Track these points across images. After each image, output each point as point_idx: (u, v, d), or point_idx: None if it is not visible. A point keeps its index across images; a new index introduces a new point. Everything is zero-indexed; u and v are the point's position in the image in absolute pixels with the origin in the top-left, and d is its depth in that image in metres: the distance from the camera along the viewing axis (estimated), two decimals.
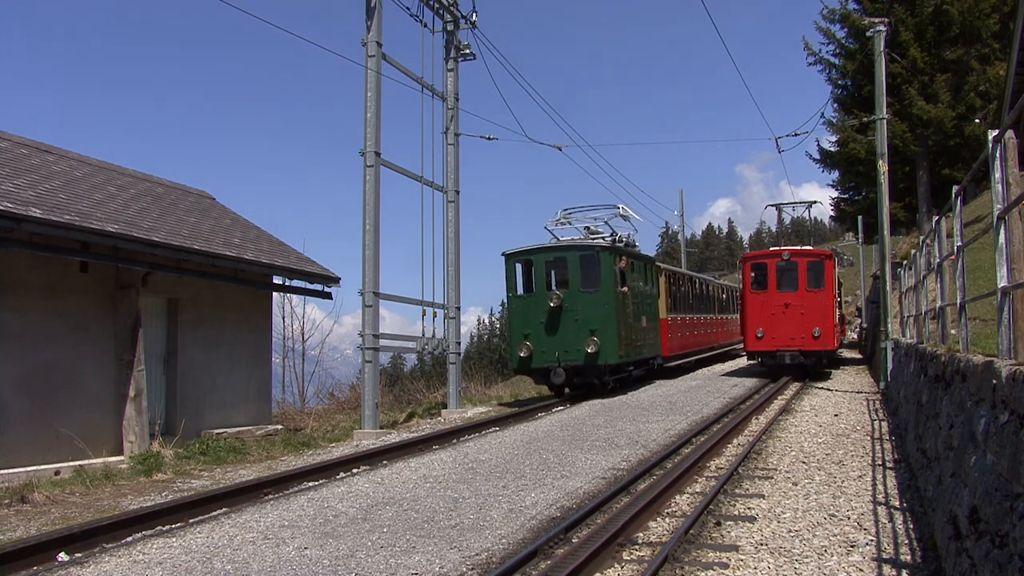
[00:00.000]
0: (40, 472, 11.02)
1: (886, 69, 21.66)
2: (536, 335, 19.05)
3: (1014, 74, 17.99)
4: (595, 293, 18.91)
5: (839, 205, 44.15)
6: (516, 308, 19.72)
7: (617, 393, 20.15)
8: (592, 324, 18.63)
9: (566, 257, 19.43)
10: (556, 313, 18.91)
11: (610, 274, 19.04)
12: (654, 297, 23.46)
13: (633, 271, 21.14)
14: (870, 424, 14.01)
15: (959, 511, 5.29)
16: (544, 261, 19.67)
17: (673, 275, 27.20)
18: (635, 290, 21.14)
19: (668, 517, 7.94)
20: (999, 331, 5.41)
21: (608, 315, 18.82)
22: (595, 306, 18.83)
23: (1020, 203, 5.10)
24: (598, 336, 18.53)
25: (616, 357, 18.92)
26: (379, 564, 6.36)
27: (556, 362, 18.69)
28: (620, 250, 20.29)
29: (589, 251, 19.31)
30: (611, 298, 18.95)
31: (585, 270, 19.19)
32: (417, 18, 18.45)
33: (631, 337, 20.26)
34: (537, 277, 19.71)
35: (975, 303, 8.36)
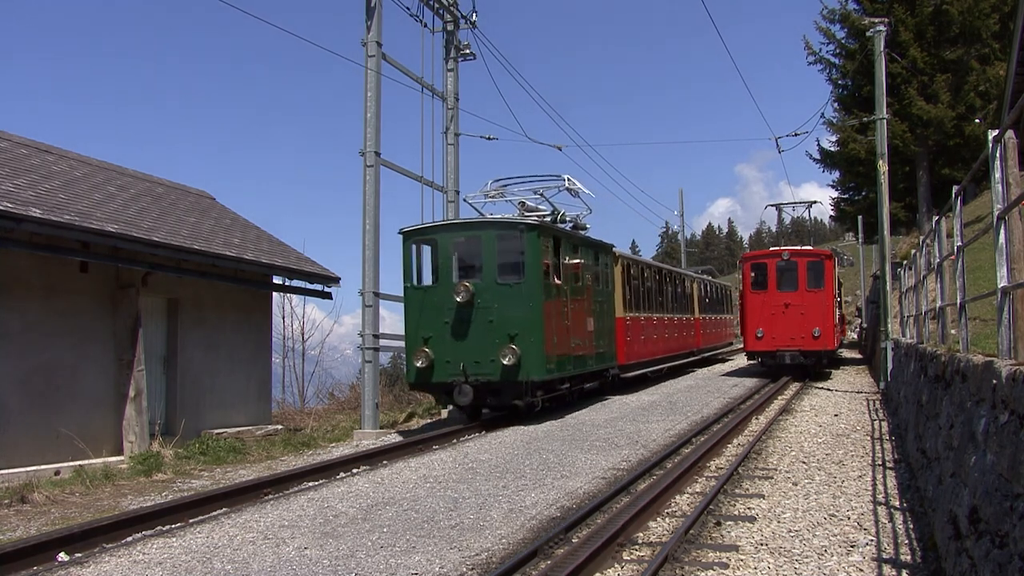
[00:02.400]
0: (40, 472, 11.02)
1: (886, 69, 21.66)
2: (438, 340, 14.47)
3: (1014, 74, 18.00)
4: (517, 286, 14.43)
5: (839, 205, 44.17)
6: (414, 303, 14.99)
7: (549, 416, 15.56)
8: (511, 327, 14.14)
9: (480, 237, 14.86)
10: (465, 311, 14.37)
11: (538, 261, 14.54)
12: (608, 293, 19.13)
13: (576, 258, 16.77)
14: (870, 424, 14.01)
15: (959, 511, 5.29)
16: (451, 242, 15.05)
17: (634, 266, 22.48)
18: (578, 283, 16.74)
19: (668, 517, 7.94)
20: (999, 331, 5.41)
21: (533, 315, 14.32)
22: (516, 303, 14.32)
23: (1020, 203, 5.10)
24: (519, 343, 14.04)
25: (542, 371, 14.38)
26: (379, 564, 6.36)
27: (462, 376, 14.14)
28: (555, 230, 15.94)
29: (511, 229, 14.85)
30: (538, 293, 14.44)
31: (505, 255, 14.79)
32: (417, 18, 18.46)
33: (568, 344, 15.82)
34: (442, 262, 15.06)
35: (975, 303, 8.36)
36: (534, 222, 15.10)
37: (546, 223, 15.86)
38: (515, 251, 14.71)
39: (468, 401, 14.19)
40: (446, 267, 15.08)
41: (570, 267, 16.36)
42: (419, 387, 15.40)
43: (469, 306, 14.36)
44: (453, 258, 15.17)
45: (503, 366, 14.06)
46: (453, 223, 15.81)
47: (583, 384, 17.76)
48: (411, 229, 15.46)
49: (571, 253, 16.52)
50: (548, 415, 15.74)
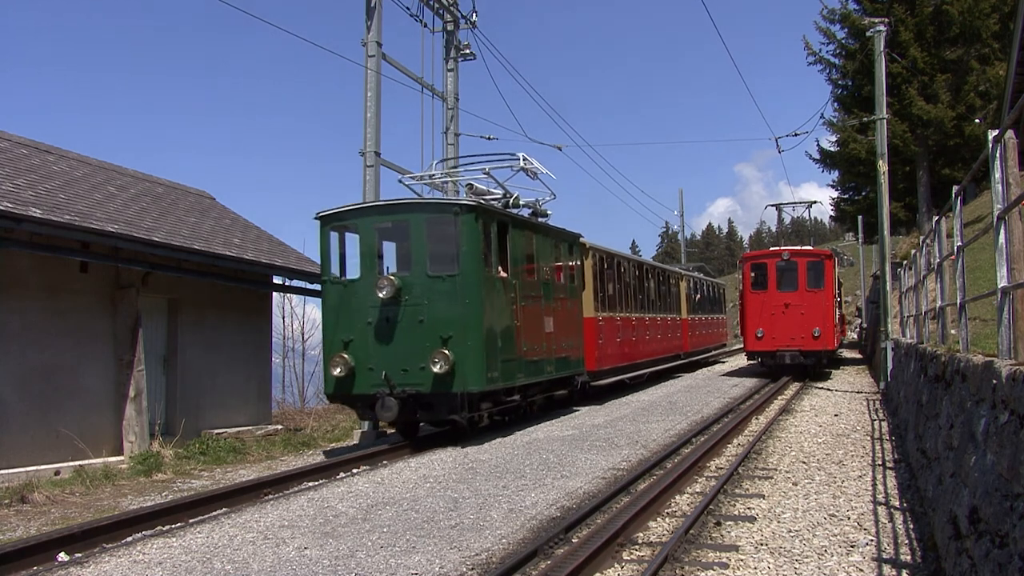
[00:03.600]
0: (40, 472, 11.02)
1: (886, 69, 21.67)
2: (360, 344, 12.37)
3: (1014, 74, 18.00)
4: (451, 279, 12.21)
5: (839, 205, 44.22)
6: (332, 301, 12.91)
7: (498, 434, 13.40)
8: (444, 328, 12.01)
9: (408, 222, 12.69)
10: (390, 310, 12.25)
11: (476, 249, 12.31)
12: (574, 289, 17.00)
13: (530, 248, 14.72)
14: (870, 424, 14.01)
15: (959, 511, 5.28)
16: (375, 228, 12.88)
17: (608, 259, 20.11)
18: (532, 277, 14.67)
19: (668, 517, 7.94)
20: (999, 331, 5.41)
21: (470, 314, 12.12)
22: (450, 299, 12.17)
23: (1020, 203, 5.10)
24: (453, 347, 11.89)
25: (481, 380, 12.12)
26: (379, 564, 6.36)
27: (386, 387, 11.97)
28: (500, 213, 13.60)
29: (443, 212, 12.67)
30: (475, 287, 12.20)
31: (437, 242, 12.62)
32: (417, 18, 18.46)
33: (518, 347, 13.53)
34: (364, 252, 12.88)
35: (975, 303, 8.36)
36: (471, 203, 12.74)
37: (487, 204, 13.51)
38: (449, 238, 12.46)
39: (392, 416, 11.97)
40: (369, 258, 12.85)
41: (522, 258, 14.22)
42: (338, 399, 13.10)
43: (395, 304, 12.25)
44: (377, 247, 13.00)
45: (434, 375, 11.83)
46: (377, 205, 13.22)
47: (543, 394, 15.86)
48: (328, 213, 13.19)
49: (523, 242, 14.36)
50: (496, 432, 13.63)
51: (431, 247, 12.57)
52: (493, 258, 12.98)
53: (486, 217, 12.84)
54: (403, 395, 11.99)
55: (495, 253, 13.05)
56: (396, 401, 11.88)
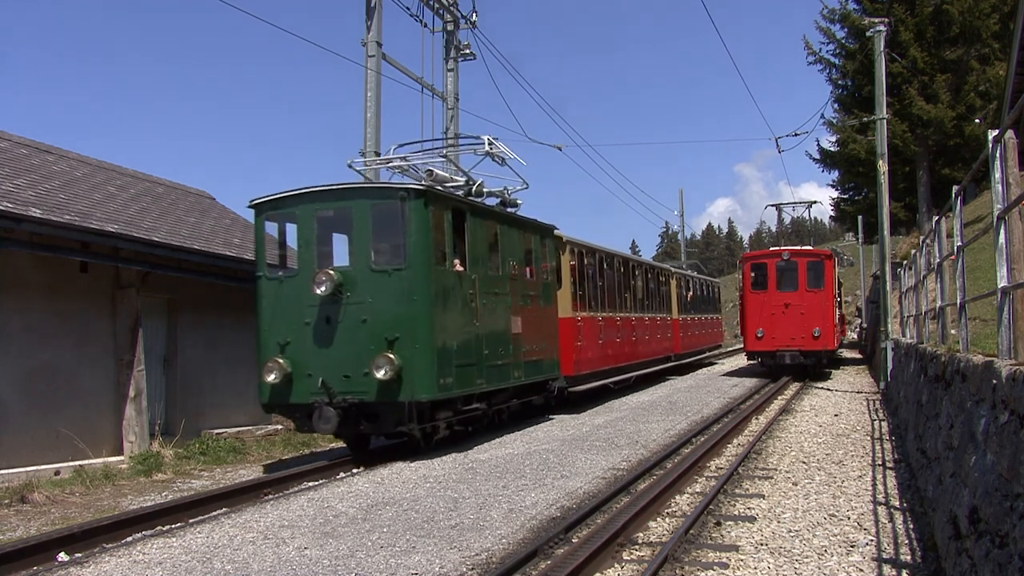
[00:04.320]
0: (40, 472, 11.02)
1: (886, 69, 21.67)
2: (298, 346, 11.16)
3: (1014, 74, 18.00)
4: (397, 274, 10.96)
5: (839, 205, 44.26)
6: (267, 298, 11.58)
7: (452, 449, 11.90)
8: (390, 329, 10.77)
9: (350, 209, 11.40)
10: (331, 308, 11.05)
11: (426, 239, 11.02)
12: (548, 287, 15.66)
13: (492, 240, 13.31)
14: (870, 424, 14.01)
15: (959, 511, 5.29)
16: (314, 215, 11.57)
17: (589, 255, 18.65)
18: (496, 272, 13.21)
19: (668, 517, 7.95)
20: (999, 331, 5.41)
21: (418, 312, 10.87)
22: (396, 296, 10.91)
23: (1020, 203, 5.10)
24: (400, 350, 10.66)
25: (431, 387, 10.85)
26: (379, 564, 6.36)
27: (325, 395, 10.75)
28: (455, 200, 12.24)
29: (389, 198, 11.35)
30: (424, 282, 10.94)
31: (383, 232, 11.45)
32: (417, 18, 18.47)
33: (477, 351, 12.19)
34: (303, 244, 11.62)
35: (975, 303, 8.37)
36: (420, 187, 11.39)
37: (439, 189, 12.13)
38: (395, 226, 11.20)
39: (331, 428, 10.78)
40: (308, 249, 11.56)
41: (483, 251, 12.77)
42: (274, 410, 11.86)
43: (335, 301, 11.00)
44: (318, 237, 11.66)
45: (378, 381, 10.58)
46: (317, 190, 11.61)
47: (513, 401, 14.43)
48: (263, 200, 11.91)
49: (485, 233, 12.94)
50: (455, 445, 12.19)
51: (375, 237, 11.33)
52: (447, 250, 11.68)
53: (438, 203, 11.53)
54: (344, 404, 10.74)
55: (449, 244, 11.74)
56: (336, 411, 10.68)
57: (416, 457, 11.35)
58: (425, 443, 11.60)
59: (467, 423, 12.94)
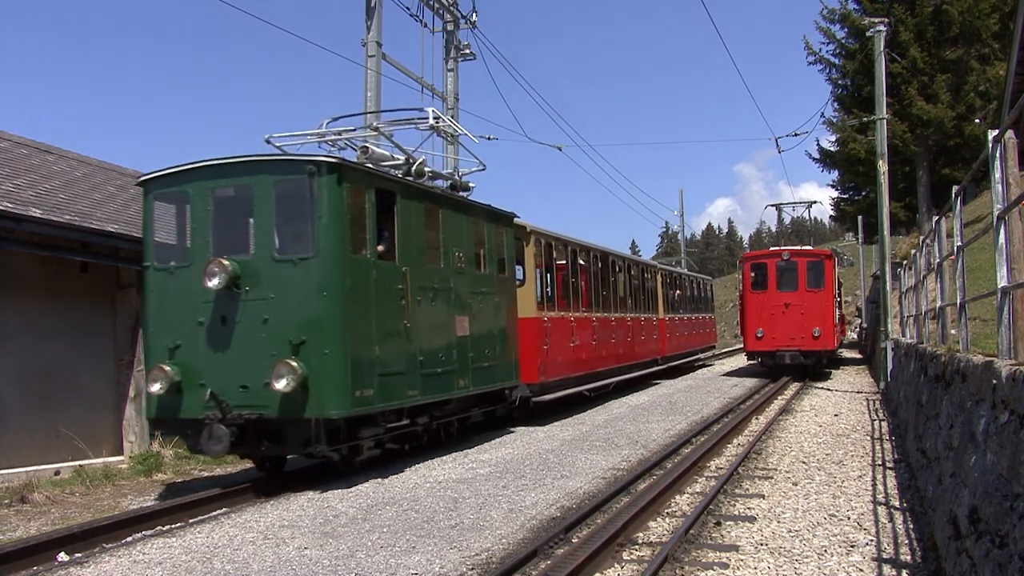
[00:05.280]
0: (40, 472, 11.02)
1: (886, 69, 21.68)
2: (190, 351, 9.45)
3: (1014, 74, 18.00)
4: (304, 264, 9.25)
5: (839, 205, 44.27)
6: (155, 292, 9.91)
7: (373, 474, 10.03)
8: (296, 330, 9.07)
9: (251, 186, 9.65)
10: (226, 305, 9.34)
11: (340, 222, 9.31)
12: (506, 283, 13.74)
13: (433, 226, 11.46)
14: (870, 424, 14.01)
15: (959, 511, 5.29)
16: (210, 194, 9.77)
17: (559, 247, 16.88)
18: (436, 264, 11.44)
19: (668, 517, 7.95)
20: (999, 331, 5.42)
21: (330, 311, 9.17)
22: (303, 291, 9.21)
23: (1020, 203, 5.10)
24: (306, 356, 8.96)
25: (345, 401, 9.14)
26: (379, 564, 6.36)
27: (216, 410, 9.04)
28: (378, 176, 10.39)
29: (295, 173, 9.52)
30: (338, 275, 9.25)
31: (287, 214, 9.73)
32: (417, 18, 18.48)
33: (409, 357, 10.42)
34: (195, 227, 9.91)
35: (975, 303, 8.37)
36: (333, 160, 9.58)
37: (355, 163, 10.35)
38: (303, 207, 9.45)
39: (222, 450, 9.03)
40: (201, 235, 9.76)
41: (419, 239, 10.97)
42: (162, 426, 10.20)
43: (232, 297, 9.27)
44: (213, 220, 9.80)
45: (280, 394, 8.87)
46: (212, 164, 9.84)
47: (470, 411, 12.79)
48: (153, 176, 10.18)
49: (421, 218, 11.12)
50: (380, 469, 10.30)
51: (279, 220, 9.57)
52: (369, 236, 9.85)
53: (357, 180, 9.76)
54: (240, 421, 8.98)
55: (372, 230, 9.91)
56: (229, 430, 8.88)
57: (322, 486, 9.41)
58: (345, 466, 9.91)
59: (403, 440, 11.20)
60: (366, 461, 10.27)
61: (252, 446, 9.33)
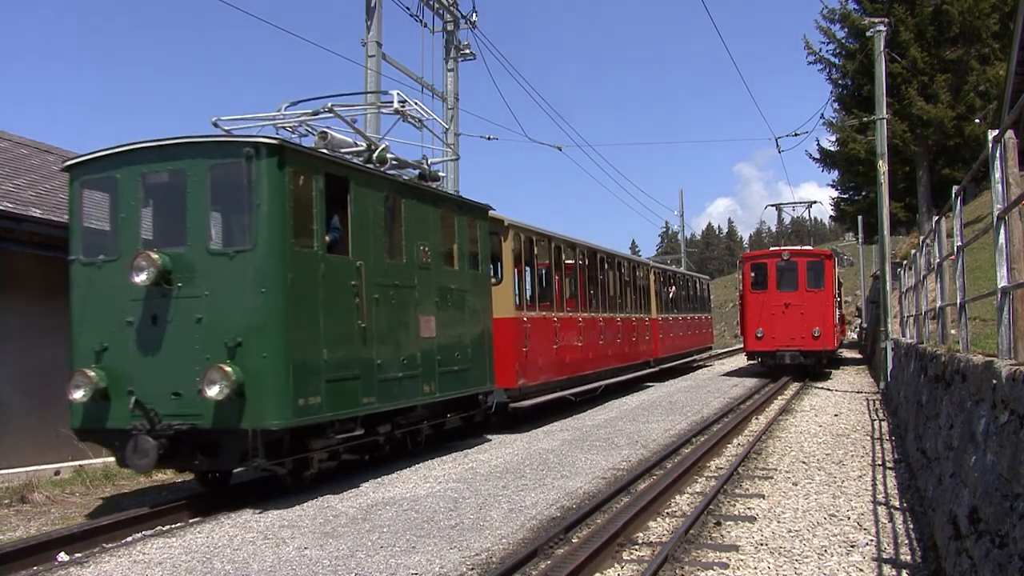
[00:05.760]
0: (40, 472, 11.01)
1: (886, 69, 21.68)
2: (117, 353, 8.55)
3: (1014, 74, 17.99)
4: (242, 257, 8.37)
5: (839, 205, 44.30)
6: (80, 289, 8.98)
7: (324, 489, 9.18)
8: (232, 331, 8.20)
9: (184, 171, 8.67)
10: (158, 303, 8.45)
11: (282, 212, 8.40)
12: (479, 280, 12.81)
13: (395, 218, 10.51)
14: (870, 424, 14.02)
15: (959, 511, 5.29)
16: (140, 180, 8.86)
17: (541, 243, 15.94)
18: (398, 258, 10.50)
19: (668, 517, 7.95)
20: (999, 331, 5.42)
21: (270, 310, 8.26)
22: (240, 288, 8.33)
23: (1020, 203, 5.11)
24: (241, 362, 8.12)
25: (286, 411, 8.22)
26: (379, 564, 6.37)
27: (143, 420, 8.16)
28: (328, 161, 9.44)
29: (232, 156, 8.56)
30: (278, 269, 8.34)
31: (224, 201, 9.05)
32: (417, 18, 18.47)
33: (364, 361, 9.50)
34: (123, 216, 8.89)
35: (975, 303, 8.37)
36: (273, 141, 8.55)
37: (300, 145, 9.39)
38: (240, 194, 8.56)
39: (149, 464, 8.13)
40: (130, 225, 8.83)
41: (377, 231, 10.03)
42: (89, 437, 9.02)
43: (164, 294, 8.39)
44: (142, 209, 8.92)
45: (214, 403, 8.00)
46: (142, 147, 8.88)
47: (435, 419, 11.92)
48: (79, 161, 9.32)
49: (379, 208, 10.13)
50: (333, 484, 9.49)
51: (215, 208, 8.85)
52: (316, 227, 8.92)
53: (303, 164, 8.85)
54: (170, 432, 8.13)
55: (320, 220, 8.98)
56: (157, 442, 8.01)
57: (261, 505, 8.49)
58: (293, 481, 9.02)
59: (363, 451, 10.46)
60: (318, 475, 9.37)
61: (185, 459, 8.51)
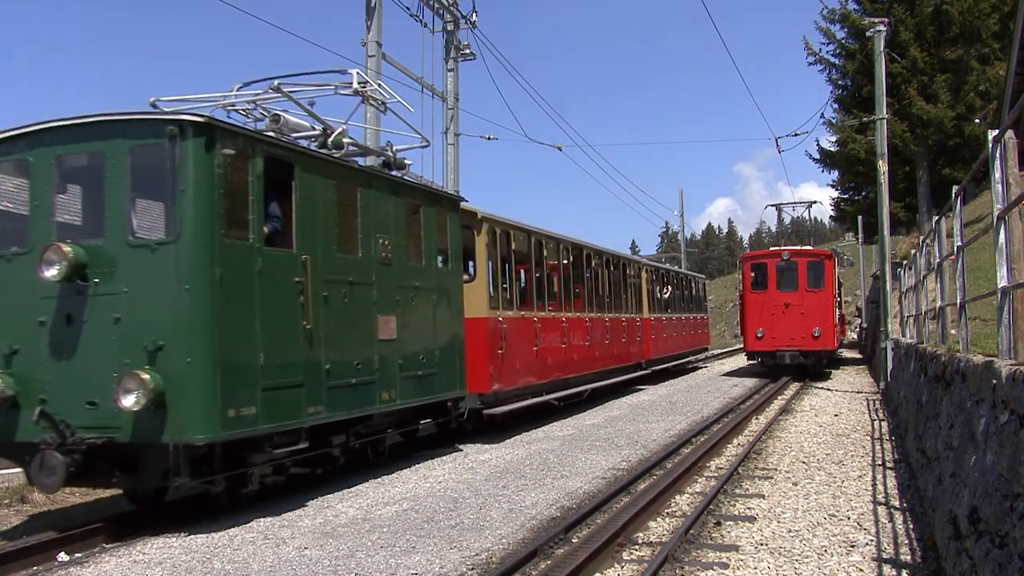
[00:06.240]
0: None
1: (886, 69, 21.68)
2: (28, 357, 7.68)
3: (1014, 74, 18.00)
4: (164, 249, 7.45)
5: (839, 205, 44.29)
6: None
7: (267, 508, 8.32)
8: (152, 333, 7.29)
9: (103, 153, 7.72)
10: (72, 302, 7.55)
11: (210, 200, 7.48)
12: (448, 276, 11.72)
13: (349, 208, 9.49)
14: (870, 424, 14.02)
15: (959, 511, 5.29)
16: (54, 162, 7.90)
17: (520, 238, 14.98)
18: (350, 254, 9.42)
19: (668, 517, 7.95)
20: (999, 331, 5.42)
21: (195, 309, 7.35)
22: (161, 284, 7.41)
23: (1020, 203, 5.11)
24: (162, 367, 7.21)
25: (212, 424, 7.30)
26: (379, 564, 6.37)
27: (53, 432, 7.32)
28: (266, 142, 8.35)
29: (154, 136, 7.65)
30: (205, 262, 7.43)
31: (144, 186, 7.97)
32: (417, 18, 18.47)
33: (310, 365, 8.52)
34: (36, 203, 7.94)
35: (975, 303, 8.37)
36: (201, 119, 7.52)
37: (233, 124, 8.26)
38: (162, 179, 7.56)
39: (56, 484, 7.23)
40: (43, 213, 7.86)
41: (327, 223, 8.99)
42: None
43: (79, 291, 7.47)
44: (57, 196, 7.97)
45: (131, 414, 7.09)
46: (60, 126, 7.90)
47: (389, 430, 10.89)
48: None
49: (330, 196, 9.09)
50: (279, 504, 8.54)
51: (135, 195, 7.76)
52: (253, 216, 7.89)
53: (238, 146, 7.81)
54: (82, 447, 7.16)
55: (258, 209, 7.95)
56: (68, 458, 7.09)
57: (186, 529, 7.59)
58: (230, 499, 8.17)
59: (315, 464, 9.39)
60: (255, 492, 8.38)
61: (101, 477, 7.54)
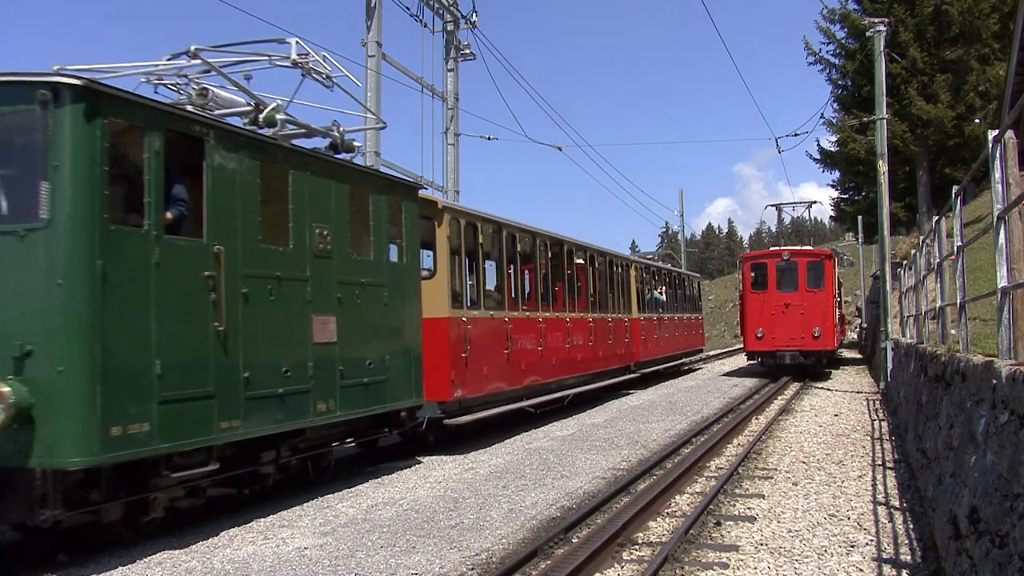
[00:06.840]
0: None
1: (886, 69, 21.68)
2: None
3: (1014, 74, 18.00)
4: (32, 237, 6.14)
5: (839, 205, 44.28)
6: None
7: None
8: (17, 335, 6.02)
9: None
10: None
11: (90, 177, 6.17)
12: (403, 273, 10.47)
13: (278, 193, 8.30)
14: (870, 424, 14.02)
15: (959, 511, 5.29)
16: None
17: (488, 231, 13.47)
18: (279, 246, 8.25)
19: (668, 517, 7.95)
20: (999, 331, 5.42)
21: (68, 307, 6.06)
22: (29, 277, 6.16)
23: (1020, 203, 5.11)
24: (31, 376, 5.96)
25: (91, 445, 6.00)
26: (379, 564, 6.37)
27: None
28: (166, 112, 7.14)
29: (23, 103, 6.23)
30: (83, 252, 6.13)
31: (7, 162, 6.65)
32: (417, 18, 18.47)
33: (218, 374, 7.27)
34: None
35: (975, 303, 8.37)
36: (81, 82, 6.27)
37: (120, 89, 6.80)
38: (32, 152, 6.37)
39: None
40: None
41: (248, 209, 7.79)
42: None
43: None
44: None
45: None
46: None
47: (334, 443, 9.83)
48: None
49: (252, 179, 7.89)
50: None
51: (1, 171, 6.68)
52: (150, 199, 6.76)
53: (129, 116, 6.72)
54: None
55: (156, 191, 6.83)
56: None
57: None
58: (129, 530, 7.11)
59: (242, 484, 8.34)
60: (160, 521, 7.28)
61: None
